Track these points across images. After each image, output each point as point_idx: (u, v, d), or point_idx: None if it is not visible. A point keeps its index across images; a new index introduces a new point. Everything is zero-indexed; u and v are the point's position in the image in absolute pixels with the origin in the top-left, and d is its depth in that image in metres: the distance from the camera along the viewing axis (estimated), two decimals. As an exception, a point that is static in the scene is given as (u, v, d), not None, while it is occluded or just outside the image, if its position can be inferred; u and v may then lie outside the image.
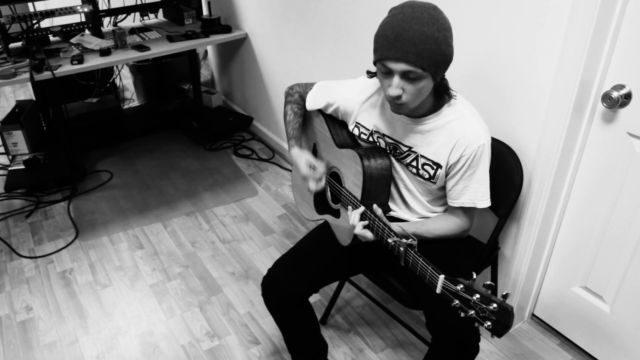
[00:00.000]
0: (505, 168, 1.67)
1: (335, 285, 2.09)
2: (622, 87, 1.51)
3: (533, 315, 2.09)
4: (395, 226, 1.41)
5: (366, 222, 1.42)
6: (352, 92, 1.60)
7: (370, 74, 1.49)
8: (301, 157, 1.68)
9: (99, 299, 2.24)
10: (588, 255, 1.79)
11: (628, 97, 1.51)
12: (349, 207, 1.50)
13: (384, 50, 1.29)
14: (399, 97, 1.33)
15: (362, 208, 1.44)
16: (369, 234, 1.42)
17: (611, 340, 1.82)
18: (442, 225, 1.53)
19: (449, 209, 1.56)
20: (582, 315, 1.89)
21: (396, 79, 1.31)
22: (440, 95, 1.44)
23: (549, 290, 1.98)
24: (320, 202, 1.76)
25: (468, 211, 1.54)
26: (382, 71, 1.35)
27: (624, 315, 1.75)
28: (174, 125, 3.69)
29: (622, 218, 1.65)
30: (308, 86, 1.75)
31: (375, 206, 1.41)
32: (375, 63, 1.36)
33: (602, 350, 1.87)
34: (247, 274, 2.37)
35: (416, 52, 1.25)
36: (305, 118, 1.83)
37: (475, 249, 1.79)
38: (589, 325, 1.87)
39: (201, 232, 2.66)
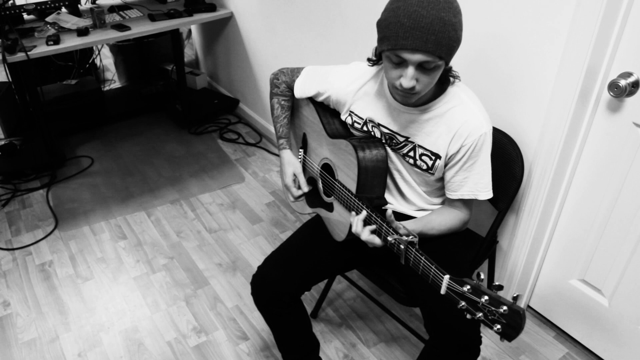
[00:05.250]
0: (506, 159, 1.60)
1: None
2: (629, 74, 1.44)
3: (529, 306, 2.04)
4: (397, 224, 1.31)
5: (373, 227, 1.32)
6: (345, 80, 1.50)
7: (372, 62, 1.39)
8: (290, 166, 1.65)
9: (80, 293, 2.15)
10: (587, 248, 1.74)
11: (636, 85, 1.44)
12: (352, 213, 1.39)
13: (398, 39, 1.18)
14: (412, 88, 1.23)
15: (363, 213, 1.33)
16: (377, 240, 1.32)
17: (608, 334, 1.78)
18: (446, 221, 1.45)
19: (448, 201, 1.49)
20: (579, 308, 1.84)
21: (411, 70, 1.20)
22: (442, 79, 1.35)
23: (546, 282, 1.93)
24: (312, 194, 1.68)
25: (467, 202, 1.47)
26: (393, 61, 1.23)
27: (622, 309, 1.71)
28: (157, 107, 3.57)
29: (625, 210, 1.59)
30: (295, 73, 1.64)
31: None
32: (381, 52, 1.26)
33: (598, 343, 1.84)
34: (235, 265, 2.29)
35: (436, 41, 1.16)
36: (294, 106, 1.73)
37: (473, 242, 1.73)
38: (586, 318, 1.83)
39: (186, 221, 2.57)
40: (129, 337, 1.96)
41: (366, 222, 1.34)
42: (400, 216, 1.54)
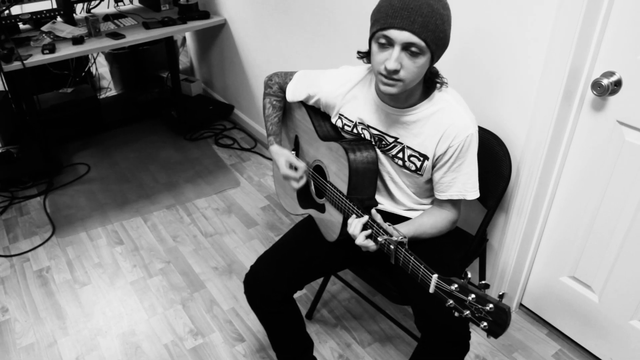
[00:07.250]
0: (493, 158, 1.63)
1: (320, 278, 2.05)
2: (612, 74, 1.47)
3: (521, 305, 2.07)
4: (392, 230, 1.33)
5: (369, 232, 1.34)
6: (335, 84, 1.53)
7: (361, 54, 1.42)
8: (280, 155, 1.63)
9: (78, 298, 2.17)
10: (576, 245, 1.77)
11: (618, 84, 1.47)
12: (353, 216, 1.40)
13: (387, 18, 1.22)
14: (396, 71, 1.25)
15: (365, 218, 1.35)
16: (371, 244, 1.33)
17: (599, 329, 1.81)
18: (437, 224, 1.48)
19: (437, 202, 1.52)
20: (570, 305, 1.87)
21: (396, 51, 1.23)
22: (429, 84, 1.38)
23: (537, 280, 1.96)
24: (304, 196, 1.71)
25: (456, 202, 1.50)
26: (380, 43, 1.26)
27: (612, 304, 1.74)
28: (153, 114, 3.59)
29: (611, 207, 1.62)
30: (288, 76, 1.68)
31: (374, 211, 1.35)
32: (371, 38, 1.29)
33: (590, 339, 1.86)
34: (231, 269, 2.32)
35: (423, 23, 1.20)
36: (286, 109, 1.76)
37: (463, 241, 1.76)
38: (578, 314, 1.86)
39: (182, 225, 2.59)
40: (126, 341, 1.97)
41: (365, 228, 1.35)
42: (390, 216, 1.57)
